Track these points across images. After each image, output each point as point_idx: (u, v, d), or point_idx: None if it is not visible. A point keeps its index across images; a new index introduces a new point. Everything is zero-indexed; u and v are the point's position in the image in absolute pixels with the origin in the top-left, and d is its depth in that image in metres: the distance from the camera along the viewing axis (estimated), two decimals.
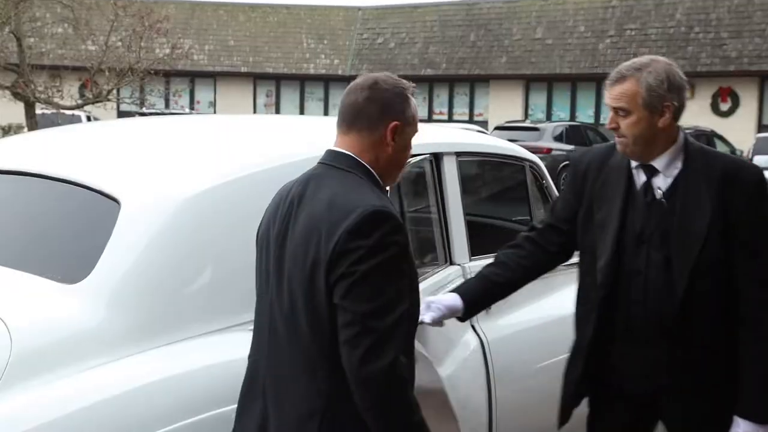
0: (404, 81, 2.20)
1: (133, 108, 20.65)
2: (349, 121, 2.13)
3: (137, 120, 3.91)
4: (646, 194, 2.65)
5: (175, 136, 3.30)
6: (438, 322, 2.71)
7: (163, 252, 2.48)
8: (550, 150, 19.93)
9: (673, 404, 2.69)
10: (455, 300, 2.74)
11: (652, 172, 2.65)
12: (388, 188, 2.22)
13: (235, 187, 2.66)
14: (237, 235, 2.55)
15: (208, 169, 2.74)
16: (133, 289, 2.42)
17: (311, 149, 2.88)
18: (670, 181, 2.64)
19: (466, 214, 3.33)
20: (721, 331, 2.62)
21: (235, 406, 2.24)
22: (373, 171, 2.12)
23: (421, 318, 2.51)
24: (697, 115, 23.87)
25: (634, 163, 2.67)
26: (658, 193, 2.64)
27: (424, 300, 2.60)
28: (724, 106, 24.18)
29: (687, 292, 2.57)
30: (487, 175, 3.62)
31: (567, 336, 2.82)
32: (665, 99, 2.57)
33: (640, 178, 2.67)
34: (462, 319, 2.80)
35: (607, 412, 2.80)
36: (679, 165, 2.64)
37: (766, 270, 2.59)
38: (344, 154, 2.12)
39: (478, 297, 2.79)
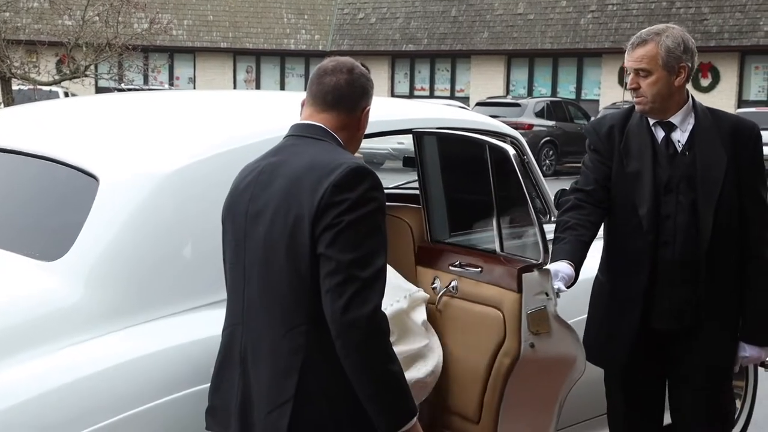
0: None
1: (112, 84, 20.48)
2: (330, 102, 2.22)
3: (115, 96, 3.87)
4: (668, 147, 2.98)
5: (154, 112, 3.27)
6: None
7: (142, 229, 2.47)
8: (531, 126, 19.96)
9: (695, 342, 3.00)
10: (570, 268, 2.91)
11: (670, 128, 2.99)
12: None
13: (213, 163, 2.64)
14: (216, 212, 2.53)
15: (187, 145, 2.73)
16: (112, 267, 2.41)
17: (287, 126, 2.89)
18: (686, 135, 2.99)
19: (446, 190, 3.33)
20: (735, 270, 3.00)
21: (208, 385, 2.25)
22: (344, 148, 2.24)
23: (558, 287, 2.79)
24: None
25: (652, 122, 2.99)
26: (680, 146, 2.98)
27: (552, 269, 2.80)
28: (705, 82, 24.25)
29: (712, 231, 2.92)
30: (467, 151, 3.64)
31: None
32: (681, 60, 2.94)
33: (659, 134, 3.00)
34: (570, 286, 2.94)
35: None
36: (691, 121, 3.00)
37: (766, 212, 3.02)
38: (319, 126, 2.22)
39: (579, 260, 2.97)
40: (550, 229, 3.72)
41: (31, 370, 2.18)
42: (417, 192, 3.39)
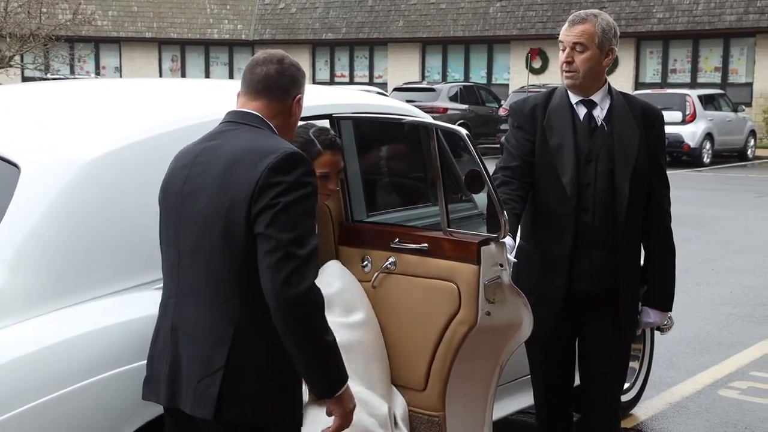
0: None
1: (37, 74, 19.82)
2: (262, 90, 2.24)
3: (37, 84, 3.73)
4: (590, 122, 3.12)
5: (76, 100, 3.17)
6: None
7: (65, 215, 2.40)
8: (446, 110, 20.09)
9: (612, 305, 3.13)
10: (512, 240, 3.00)
11: (591, 105, 3.13)
12: None
13: (136, 149, 2.58)
14: (139, 196, 2.48)
15: (109, 132, 2.64)
16: (35, 252, 2.34)
17: (214, 111, 2.83)
18: (604, 113, 3.13)
19: (364, 172, 3.32)
20: (640, 237, 3.17)
21: (139, 364, 2.24)
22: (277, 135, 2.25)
23: (512, 259, 2.90)
24: None
25: (574, 100, 3.13)
26: (599, 121, 3.12)
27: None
28: None
29: (628, 197, 3.06)
30: (384, 136, 3.65)
31: None
32: (611, 43, 3.08)
33: (581, 111, 3.13)
34: None
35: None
36: (608, 101, 3.15)
37: (667, 186, 3.21)
38: (254, 114, 2.24)
39: (515, 232, 3.08)
40: (463, 207, 3.75)
41: None
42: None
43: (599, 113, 3.12)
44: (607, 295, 3.12)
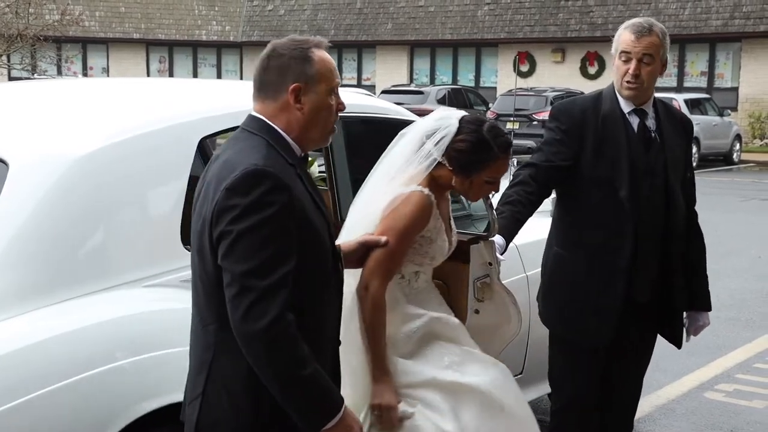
0: (308, 40, 2.10)
1: (25, 74, 19.72)
2: (257, 91, 2.09)
3: (24, 83, 3.72)
4: (645, 133, 3.06)
5: (64, 98, 3.15)
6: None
7: (53, 212, 2.38)
8: None
9: (658, 313, 3.15)
10: (502, 239, 2.99)
11: (642, 115, 3.08)
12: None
13: (125, 147, 2.56)
14: (128, 194, 2.48)
15: (98, 129, 2.63)
16: (24, 249, 2.33)
17: (200, 111, 2.82)
18: (654, 123, 3.09)
19: (353, 173, 3.32)
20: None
21: (127, 361, 2.24)
22: (285, 135, 2.05)
23: (501, 258, 2.87)
24: (567, 77, 24.47)
25: (626, 109, 3.06)
26: (652, 132, 3.08)
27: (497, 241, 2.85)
28: (592, 70, 24.84)
29: (683, 208, 3.10)
30: (374, 136, 3.64)
31: None
32: (666, 54, 3.05)
33: (634, 120, 3.07)
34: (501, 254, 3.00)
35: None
36: (653, 111, 3.11)
37: (695, 187, 3.26)
38: (255, 117, 2.07)
39: (510, 235, 3.04)
40: (453, 208, 3.74)
41: None
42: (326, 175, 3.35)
43: (651, 123, 3.08)
44: (655, 303, 3.12)
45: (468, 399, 2.46)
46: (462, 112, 2.64)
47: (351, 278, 2.46)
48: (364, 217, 2.54)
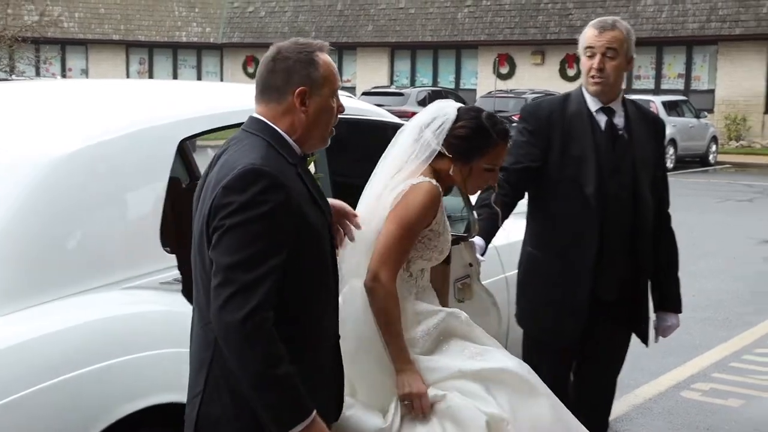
0: (311, 43, 2.11)
1: (2, 75, 19.55)
2: (260, 92, 2.09)
3: (2, 84, 3.69)
4: (612, 131, 3.05)
5: (45, 100, 3.14)
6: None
7: (35, 213, 2.37)
8: (414, 114, 20.04)
9: (627, 311, 3.15)
10: (482, 240, 3.01)
11: (610, 113, 3.07)
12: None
13: (105, 148, 2.55)
14: (109, 195, 2.47)
15: (78, 130, 2.62)
16: (5, 250, 2.31)
17: (181, 112, 2.82)
18: (622, 120, 3.08)
19: (332, 174, 3.32)
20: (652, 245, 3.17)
21: (108, 363, 2.23)
22: (287, 137, 2.06)
23: (481, 259, 2.89)
24: (547, 79, 24.58)
25: (593, 108, 3.06)
26: (620, 130, 3.07)
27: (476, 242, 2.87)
28: (571, 72, 24.95)
29: (651, 206, 3.08)
30: (355, 138, 3.65)
31: None
32: (631, 51, 3.06)
33: (601, 119, 3.07)
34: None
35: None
36: (622, 109, 3.11)
37: (668, 190, 3.25)
38: (257, 119, 2.08)
39: (488, 236, 3.05)
40: None
41: None
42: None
43: (619, 121, 3.08)
44: (624, 302, 3.14)
45: (499, 382, 2.45)
46: (458, 103, 2.66)
47: (357, 281, 2.45)
48: (372, 212, 2.53)
